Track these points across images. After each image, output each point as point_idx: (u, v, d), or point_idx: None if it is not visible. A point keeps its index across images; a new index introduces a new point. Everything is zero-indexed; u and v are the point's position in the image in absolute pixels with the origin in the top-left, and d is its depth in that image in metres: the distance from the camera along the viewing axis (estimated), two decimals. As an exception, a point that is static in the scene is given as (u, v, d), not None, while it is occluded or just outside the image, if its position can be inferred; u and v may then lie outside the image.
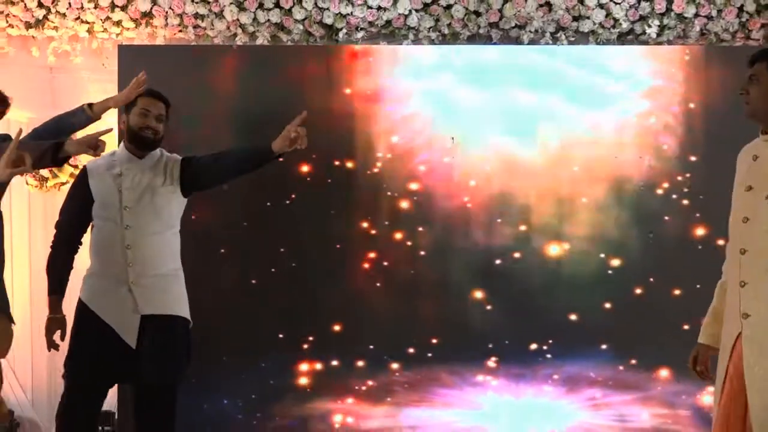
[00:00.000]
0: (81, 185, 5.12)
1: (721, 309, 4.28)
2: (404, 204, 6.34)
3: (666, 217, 6.25)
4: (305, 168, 6.27)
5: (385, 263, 6.33)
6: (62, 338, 4.95)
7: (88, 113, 4.85)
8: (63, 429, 5.11)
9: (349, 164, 6.35)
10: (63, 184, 6.90)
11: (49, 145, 4.48)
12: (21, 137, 4.28)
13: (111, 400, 6.34)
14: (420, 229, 6.31)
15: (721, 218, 5.91)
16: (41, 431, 7.03)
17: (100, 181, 5.06)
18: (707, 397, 6.14)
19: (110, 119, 6.35)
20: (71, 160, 6.73)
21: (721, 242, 5.74)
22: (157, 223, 5.04)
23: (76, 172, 6.63)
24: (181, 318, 5.09)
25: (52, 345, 5.00)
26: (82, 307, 5.06)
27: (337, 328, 6.29)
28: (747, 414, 4.07)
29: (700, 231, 6.20)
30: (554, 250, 6.27)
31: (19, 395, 6.99)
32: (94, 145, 4.52)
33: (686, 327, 5.95)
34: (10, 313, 5.08)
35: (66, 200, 5.20)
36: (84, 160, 6.42)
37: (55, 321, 4.95)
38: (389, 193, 6.33)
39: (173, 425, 5.14)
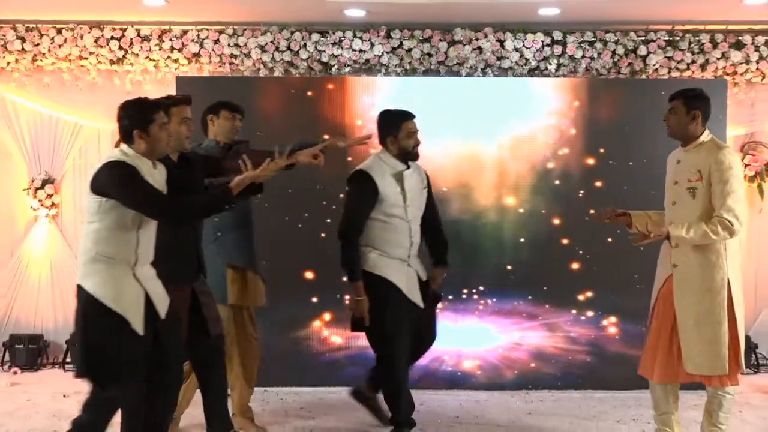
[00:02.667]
0: (371, 187, 4.91)
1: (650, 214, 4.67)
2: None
3: (556, 182, 6.38)
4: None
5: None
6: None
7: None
8: (392, 359, 5.09)
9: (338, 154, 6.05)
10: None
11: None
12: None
13: None
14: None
15: (593, 186, 6.32)
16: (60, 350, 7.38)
17: (386, 183, 4.95)
18: (590, 322, 6.36)
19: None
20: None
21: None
22: (420, 215, 5.09)
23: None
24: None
25: (363, 322, 4.89)
26: (379, 279, 4.97)
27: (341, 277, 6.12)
28: (670, 327, 4.43)
29: (581, 193, 6.35)
30: (490, 217, 6.39)
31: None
32: (317, 156, 4.63)
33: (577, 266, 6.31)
34: (258, 268, 5.17)
35: (356, 202, 4.98)
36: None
37: (364, 302, 4.85)
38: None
39: None
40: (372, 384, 5.27)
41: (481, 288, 6.44)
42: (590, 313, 6.41)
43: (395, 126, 5.04)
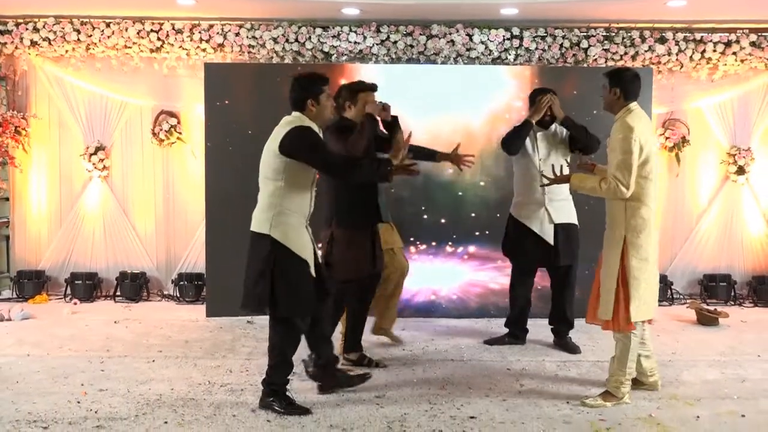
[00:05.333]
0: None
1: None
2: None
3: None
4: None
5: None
6: None
7: None
8: (512, 295, 5.44)
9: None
10: (172, 144, 7.05)
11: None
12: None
13: (201, 263, 6.74)
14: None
15: None
16: (162, 284, 7.31)
17: (528, 140, 5.17)
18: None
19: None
20: (178, 128, 7.10)
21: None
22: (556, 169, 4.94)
23: (182, 137, 7.07)
24: (575, 225, 5.25)
25: None
26: (514, 221, 5.29)
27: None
28: (597, 275, 4.26)
29: None
30: (458, 182, 6.30)
31: (149, 264, 7.29)
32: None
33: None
34: (389, 218, 5.00)
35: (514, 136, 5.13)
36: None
37: None
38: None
39: (574, 291, 5.33)
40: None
41: (454, 236, 6.43)
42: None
43: None
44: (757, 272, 7.31)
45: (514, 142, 5.21)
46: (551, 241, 5.17)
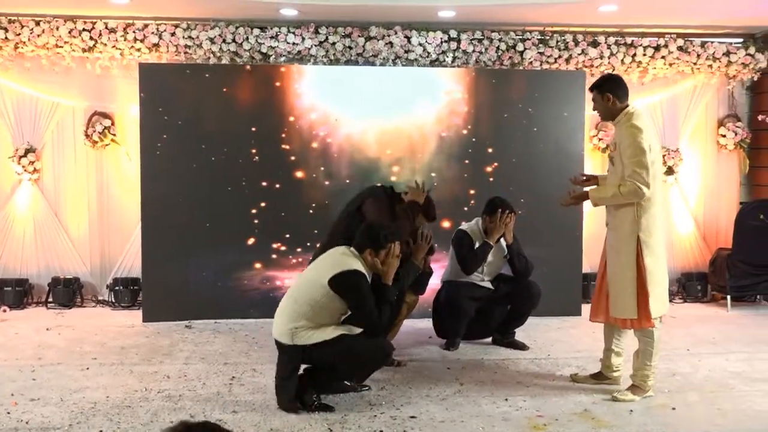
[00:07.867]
0: None
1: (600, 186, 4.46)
2: (305, 153, 6.31)
3: (455, 150, 6.44)
4: (254, 129, 6.28)
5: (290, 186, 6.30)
6: None
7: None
8: (451, 312, 5.41)
9: (274, 129, 6.31)
10: (106, 146, 6.89)
11: None
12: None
13: (137, 267, 6.60)
14: (321, 168, 6.31)
15: (483, 152, 6.31)
16: (96, 290, 7.16)
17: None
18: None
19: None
20: (112, 129, 6.96)
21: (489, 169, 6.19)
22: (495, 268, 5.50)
23: (116, 138, 6.93)
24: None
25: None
26: (449, 282, 5.47)
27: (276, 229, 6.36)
28: (601, 276, 4.41)
29: (469, 158, 6.44)
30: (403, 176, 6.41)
31: (83, 269, 7.11)
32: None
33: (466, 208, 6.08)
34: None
35: None
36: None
37: None
38: (293, 148, 6.31)
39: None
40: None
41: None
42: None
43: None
44: (686, 270, 7.56)
45: (474, 265, 5.35)
46: (490, 285, 5.44)
